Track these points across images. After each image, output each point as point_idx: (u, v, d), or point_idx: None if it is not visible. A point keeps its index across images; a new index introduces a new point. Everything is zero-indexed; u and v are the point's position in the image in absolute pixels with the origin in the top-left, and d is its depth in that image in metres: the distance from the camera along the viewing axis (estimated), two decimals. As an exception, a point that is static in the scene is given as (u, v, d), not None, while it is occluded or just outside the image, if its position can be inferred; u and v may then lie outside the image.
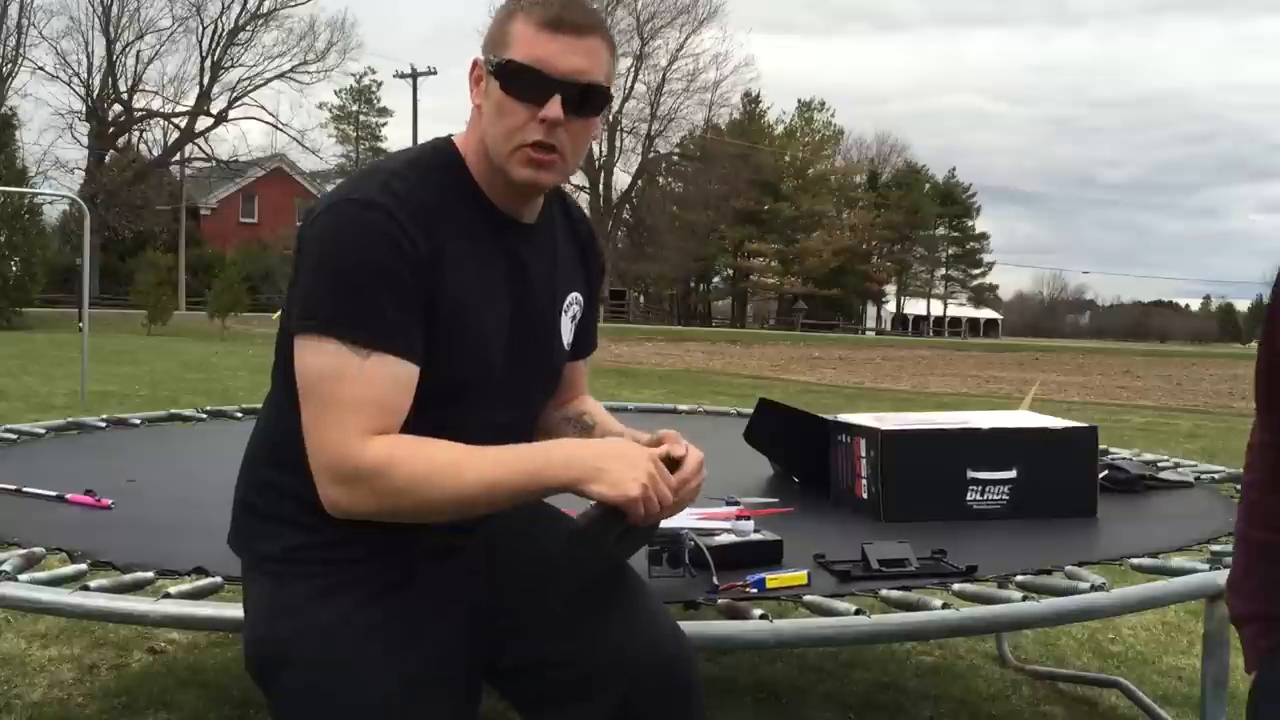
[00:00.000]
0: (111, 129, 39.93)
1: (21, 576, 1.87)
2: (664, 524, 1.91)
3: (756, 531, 2.05)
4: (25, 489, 2.54)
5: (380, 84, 53.96)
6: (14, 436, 3.35)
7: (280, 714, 1.50)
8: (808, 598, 1.82)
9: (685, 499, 1.45)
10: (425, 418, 1.43)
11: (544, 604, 1.45)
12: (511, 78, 1.44)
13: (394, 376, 1.41)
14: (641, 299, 68.11)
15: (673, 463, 1.44)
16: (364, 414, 1.38)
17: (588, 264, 1.72)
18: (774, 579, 1.87)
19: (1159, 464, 3.29)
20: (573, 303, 1.67)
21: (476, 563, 1.56)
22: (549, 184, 1.51)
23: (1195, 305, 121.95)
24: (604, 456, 1.40)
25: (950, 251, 72.39)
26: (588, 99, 1.46)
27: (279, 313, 1.58)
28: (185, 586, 1.81)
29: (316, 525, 1.47)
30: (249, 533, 1.57)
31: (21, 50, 36.84)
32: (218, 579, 1.85)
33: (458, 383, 1.48)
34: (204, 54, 40.29)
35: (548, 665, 1.51)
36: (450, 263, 1.46)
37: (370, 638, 1.45)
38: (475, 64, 1.51)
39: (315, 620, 1.46)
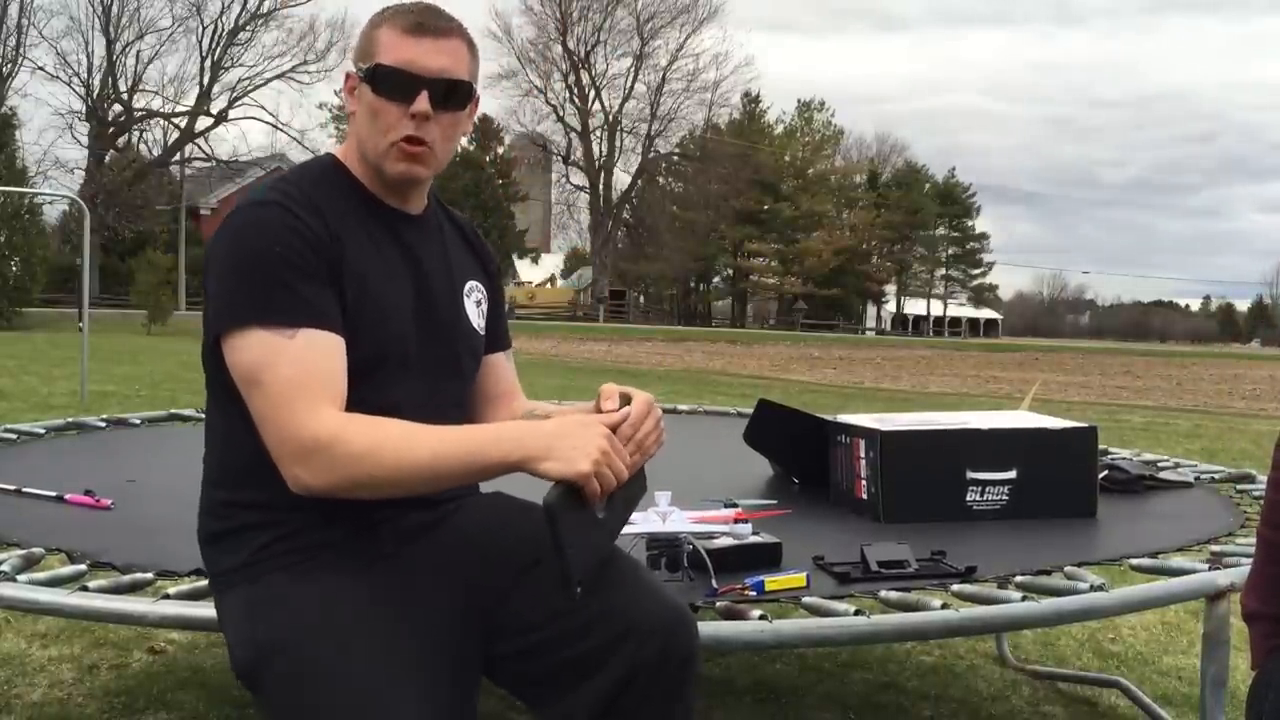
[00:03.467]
0: (111, 129, 39.94)
1: (21, 577, 1.87)
2: (662, 529, 1.93)
3: (755, 534, 2.04)
4: (25, 489, 2.54)
5: (380, 84, 53.78)
6: (14, 436, 3.35)
7: (275, 708, 1.45)
8: (807, 599, 1.82)
9: (648, 445, 1.47)
10: (350, 395, 1.47)
11: (562, 592, 1.40)
12: (381, 80, 1.55)
13: (324, 348, 1.46)
14: (641, 299, 68.11)
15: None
16: (308, 388, 1.43)
17: (481, 263, 1.79)
18: (773, 581, 1.86)
19: (1159, 464, 3.29)
20: (474, 289, 1.73)
21: (457, 549, 1.55)
22: (422, 176, 1.60)
23: (1195, 305, 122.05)
24: (554, 435, 1.40)
25: (950, 251, 72.27)
26: (453, 94, 1.57)
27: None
28: (184, 587, 1.81)
29: (284, 521, 1.50)
30: (217, 556, 1.57)
31: (21, 50, 36.91)
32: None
33: (374, 357, 1.52)
34: (204, 54, 40.37)
35: (551, 644, 1.48)
36: (349, 245, 1.53)
37: (359, 611, 1.43)
38: (348, 76, 1.60)
39: (299, 603, 1.45)
